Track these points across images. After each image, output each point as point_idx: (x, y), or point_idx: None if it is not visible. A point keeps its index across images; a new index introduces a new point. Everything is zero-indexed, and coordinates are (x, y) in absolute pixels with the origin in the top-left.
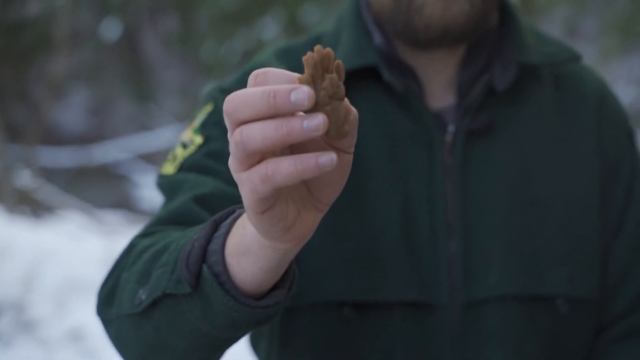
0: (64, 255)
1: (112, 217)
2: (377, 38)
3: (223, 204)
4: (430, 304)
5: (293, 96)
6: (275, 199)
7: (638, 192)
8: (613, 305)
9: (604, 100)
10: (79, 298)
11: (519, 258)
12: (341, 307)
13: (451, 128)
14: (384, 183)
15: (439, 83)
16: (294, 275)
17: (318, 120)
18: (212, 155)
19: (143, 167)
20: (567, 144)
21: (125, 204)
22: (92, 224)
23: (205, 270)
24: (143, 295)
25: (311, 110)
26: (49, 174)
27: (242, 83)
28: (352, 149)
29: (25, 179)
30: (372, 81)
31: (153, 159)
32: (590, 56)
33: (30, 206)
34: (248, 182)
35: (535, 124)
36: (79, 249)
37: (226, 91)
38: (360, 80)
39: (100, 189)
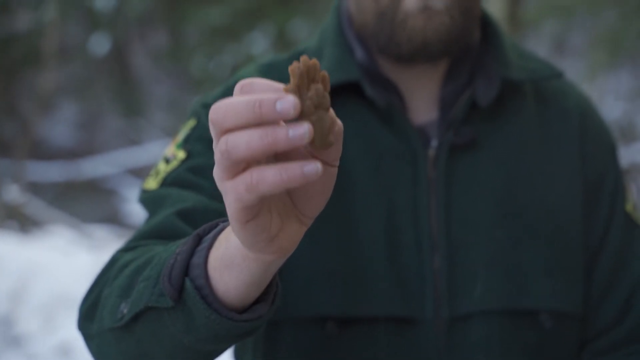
0: (52, 270)
1: (101, 232)
2: (359, 53)
3: (206, 218)
4: (415, 319)
5: (279, 105)
6: (259, 209)
7: (620, 207)
8: (597, 320)
9: (587, 115)
10: (67, 313)
11: (503, 272)
12: (324, 321)
13: (434, 142)
14: (368, 197)
15: (422, 98)
16: (277, 289)
17: (303, 129)
18: (195, 170)
19: (132, 182)
20: (551, 158)
21: (113, 218)
22: (81, 238)
23: (188, 283)
24: (125, 309)
25: (297, 120)
26: (38, 189)
27: (225, 98)
28: (337, 162)
29: (13, 193)
30: (354, 96)
31: (142, 173)
32: (578, 71)
33: (19, 221)
34: (233, 190)
35: (518, 138)
36: (68, 264)
37: (209, 106)
38: (343, 95)
39: (88, 203)
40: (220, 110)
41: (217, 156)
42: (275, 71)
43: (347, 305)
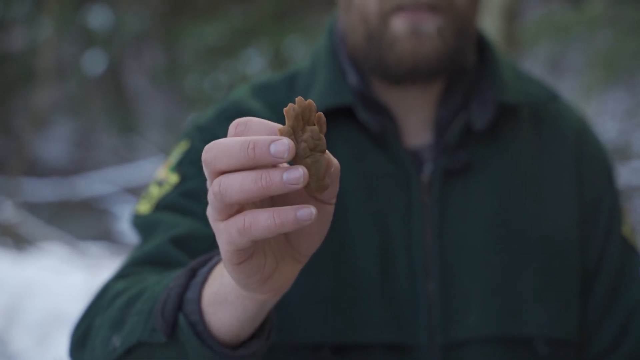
0: (46, 288)
1: (95, 250)
2: (352, 77)
3: (200, 244)
4: (409, 345)
5: (273, 148)
6: (253, 251)
7: (617, 231)
8: (593, 345)
9: (583, 137)
10: (62, 331)
11: (498, 298)
12: (319, 348)
13: (428, 167)
14: (361, 223)
15: (416, 121)
16: (272, 324)
17: (298, 173)
18: (188, 194)
19: (126, 200)
20: (546, 182)
21: (108, 236)
22: (75, 256)
23: (182, 319)
24: (117, 342)
25: (292, 162)
26: (32, 207)
27: (218, 120)
28: (334, 200)
29: (7, 211)
30: (348, 120)
31: (137, 191)
32: (574, 91)
33: (13, 239)
34: (225, 233)
35: (513, 162)
36: (62, 283)
37: (202, 129)
38: (336, 119)
39: (83, 221)
40: (213, 151)
41: (210, 198)
42: (269, 93)
43: (341, 332)
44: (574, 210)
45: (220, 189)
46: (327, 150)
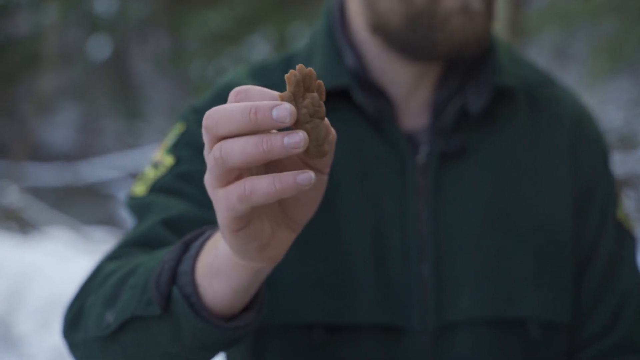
0: (49, 273)
1: (99, 234)
2: (350, 59)
3: (192, 227)
4: (402, 327)
5: (275, 112)
6: (251, 218)
7: (612, 215)
8: (584, 330)
9: (580, 122)
10: (61, 318)
11: (491, 281)
12: (312, 329)
13: (424, 150)
14: (356, 204)
15: (413, 104)
16: (264, 297)
17: (299, 137)
18: (182, 177)
19: (130, 185)
20: (542, 167)
21: (111, 221)
22: (79, 241)
23: (176, 291)
24: (110, 318)
25: (291, 128)
26: (37, 191)
27: (215, 102)
28: (328, 170)
29: (12, 195)
30: (344, 102)
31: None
32: (578, 79)
33: (17, 223)
34: (225, 199)
35: (509, 146)
36: (65, 268)
37: (199, 111)
38: (332, 101)
39: (86, 206)
40: (215, 117)
41: (209, 163)
42: (266, 74)
43: (334, 313)
44: (569, 194)
45: (222, 153)
46: (325, 118)
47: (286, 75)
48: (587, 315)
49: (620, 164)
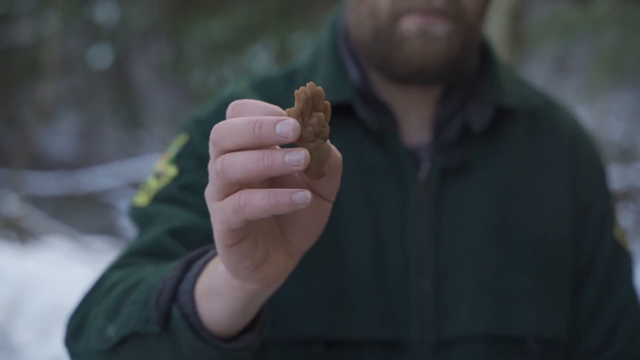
0: (49, 281)
1: (99, 244)
2: (353, 73)
3: (196, 237)
4: (401, 342)
5: (278, 127)
6: (245, 234)
7: (609, 232)
8: (582, 346)
9: (578, 139)
10: (64, 324)
11: (490, 297)
12: (311, 343)
13: (426, 165)
14: (356, 219)
15: (415, 119)
16: (266, 320)
17: (300, 155)
18: (186, 187)
19: (131, 194)
20: (540, 183)
21: (112, 231)
22: (78, 250)
23: (175, 310)
24: (112, 331)
25: (294, 146)
26: (36, 200)
27: (217, 114)
28: (333, 198)
29: (11, 204)
30: (347, 117)
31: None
32: (579, 90)
33: (17, 232)
34: (220, 211)
35: (509, 163)
36: (64, 277)
37: (201, 122)
38: (335, 115)
39: (87, 215)
40: (222, 130)
41: (212, 175)
42: (268, 87)
43: (334, 327)
44: (567, 211)
45: (223, 166)
46: (329, 140)
47: (296, 92)
48: (584, 331)
49: (621, 176)
